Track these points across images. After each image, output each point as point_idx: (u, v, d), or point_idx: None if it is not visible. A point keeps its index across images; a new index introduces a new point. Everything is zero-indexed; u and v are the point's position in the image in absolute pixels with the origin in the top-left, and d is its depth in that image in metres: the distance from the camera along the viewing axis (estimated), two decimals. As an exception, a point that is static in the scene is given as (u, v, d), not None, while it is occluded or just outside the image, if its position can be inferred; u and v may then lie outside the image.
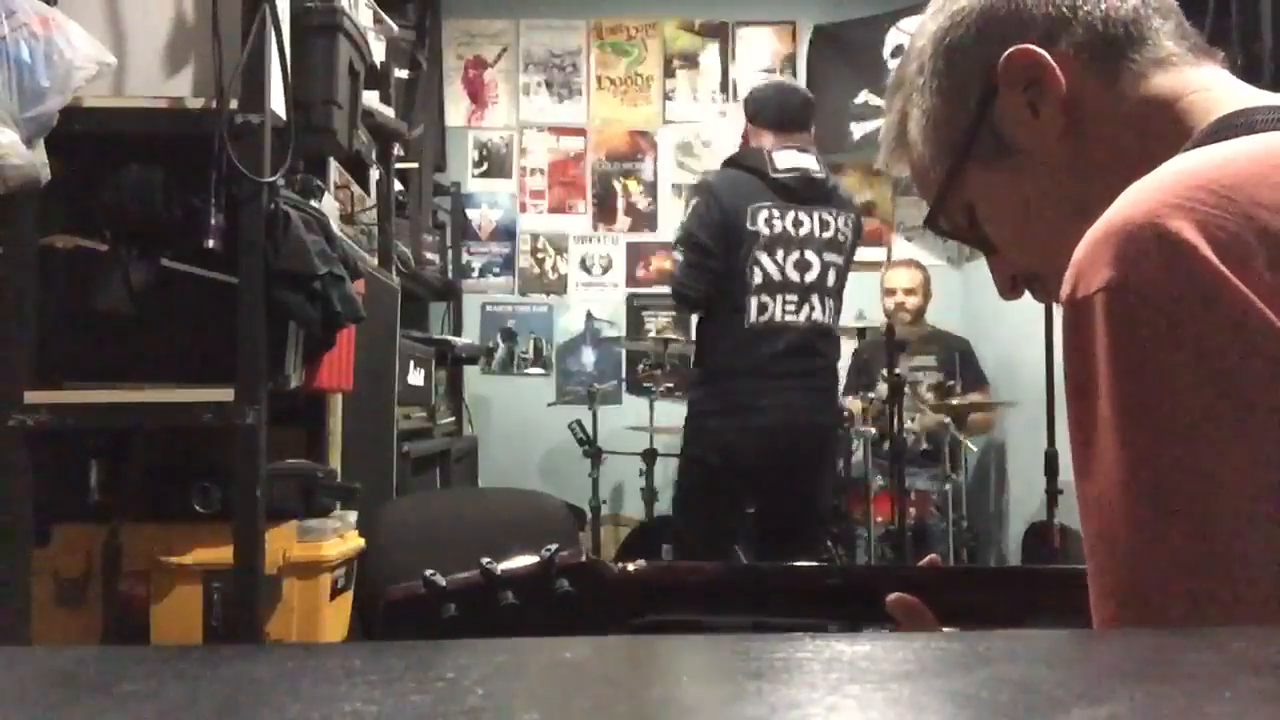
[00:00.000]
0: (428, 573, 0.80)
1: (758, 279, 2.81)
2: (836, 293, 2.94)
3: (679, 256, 2.89)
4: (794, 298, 2.83)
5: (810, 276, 2.85)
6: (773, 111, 2.94)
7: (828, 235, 2.89)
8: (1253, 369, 0.54)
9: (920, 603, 0.78)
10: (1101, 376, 0.57)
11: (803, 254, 2.85)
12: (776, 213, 2.83)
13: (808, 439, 2.87)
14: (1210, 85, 0.72)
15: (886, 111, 0.86)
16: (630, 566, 0.82)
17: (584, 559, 0.81)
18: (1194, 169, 0.61)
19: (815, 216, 2.87)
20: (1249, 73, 2.27)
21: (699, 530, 2.95)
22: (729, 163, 3.01)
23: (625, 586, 0.81)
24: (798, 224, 2.85)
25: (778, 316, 2.81)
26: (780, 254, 2.82)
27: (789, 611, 0.85)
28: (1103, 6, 0.74)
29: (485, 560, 0.80)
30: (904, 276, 4.34)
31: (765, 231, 2.82)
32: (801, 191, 2.86)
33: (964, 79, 0.78)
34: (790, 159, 2.87)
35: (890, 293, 4.32)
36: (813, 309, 2.86)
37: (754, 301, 2.81)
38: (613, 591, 0.80)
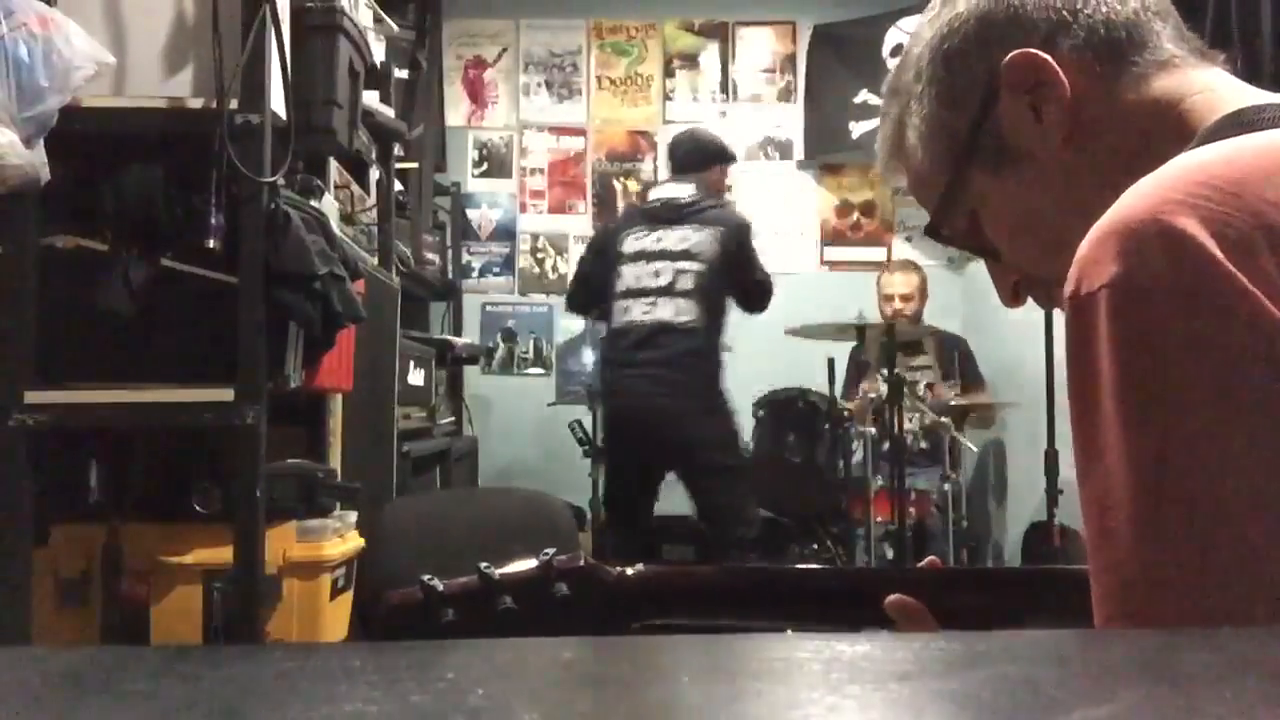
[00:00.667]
0: (425, 578, 0.80)
1: (621, 287, 3.47)
2: (687, 294, 3.41)
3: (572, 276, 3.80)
4: (649, 301, 3.43)
5: (660, 282, 3.42)
6: (669, 157, 3.72)
7: (684, 248, 3.45)
8: (1258, 366, 0.54)
9: (919, 604, 0.78)
10: (1105, 374, 0.57)
11: (657, 265, 3.45)
12: (643, 233, 3.48)
13: (653, 418, 3.35)
14: (1213, 86, 0.72)
15: (882, 121, 0.86)
16: (629, 570, 0.82)
17: (582, 563, 0.80)
18: (1198, 165, 0.60)
19: (675, 234, 3.45)
20: (1249, 73, 2.27)
21: (607, 500, 3.67)
22: (636, 197, 3.92)
23: (623, 590, 0.81)
24: (658, 241, 3.46)
25: (635, 317, 3.42)
26: (641, 265, 3.46)
27: (788, 614, 0.84)
28: (1103, 10, 0.74)
29: (483, 565, 0.80)
30: (899, 281, 4.31)
31: (629, 249, 3.48)
32: (664, 215, 3.49)
33: (964, 85, 0.77)
34: (663, 191, 3.59)
35: (887, 299, 4.30)
36: (662, 309, 3.41)
37: (619, 305, 3.47)
38: (611, 595, 0.80)
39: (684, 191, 3.51)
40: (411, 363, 3.32)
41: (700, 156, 3.64)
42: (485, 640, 0.38)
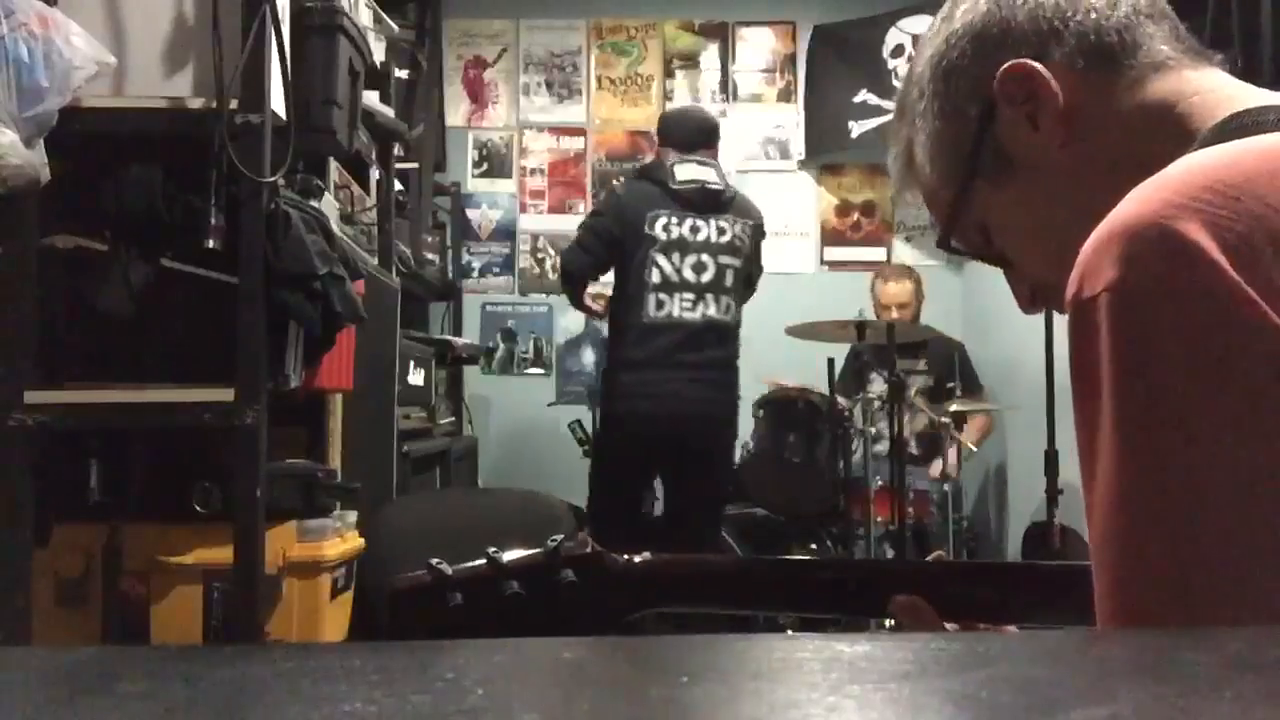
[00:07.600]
0: (433, 561, 0.80)
1: (655, 278, 3.16)
2: (733, 291, 3.26)
3: (577, 238, 3.32)
4: (690, 296, 3.18)
5: (706, 277, 3.19)
6: (674, 133, 3.33)
7: (724, 240, 3.23)
8: (1257, 369, 0.54)
9: (922, 600, 0.78)
10: (1105, 377, 0.57)
11: (699, 257, 3.19)
12: (675, 220, 3.18)
13: (693, 427, 3.17)
14: (1213, 87, 0.72)
15: (893, 141, 0.87)
16: (635, 558, 0.82)
17: (589, 550, 0.81)
18: (1200, 168, 0.60)
19: (712, 224, 3.21)
20: (1249, 73, 2.26)
21: (604, 505, 3.31)
22: (638, 174, 3.40)
23: (629, 578, 0.81)
24: (695, 230, 3.19)
25: (674, 313, 3.16)
26: (677, 257, 3.17)
27: (792, 605, 0.85)
28: (1093, 16, 0.75)
29: (491, 549, 0.80)
30: (894, 290, 4.25)
31: (662, 236, 3.17)
32: (698, 201, 3.20)
33: (963, 99, 0.79)
34: (690, 171, 3.21)
35: (884, 309, 4.27)
36: (708, 306, 3.19)
37: (651, 298, 3.16)
38: (616, 583, 0.81)
39: (711, 174, 3.22)
40: (411, 363, 3.32)
41: (709, 134, 3.34)
42: (485, 640, 0.38)
